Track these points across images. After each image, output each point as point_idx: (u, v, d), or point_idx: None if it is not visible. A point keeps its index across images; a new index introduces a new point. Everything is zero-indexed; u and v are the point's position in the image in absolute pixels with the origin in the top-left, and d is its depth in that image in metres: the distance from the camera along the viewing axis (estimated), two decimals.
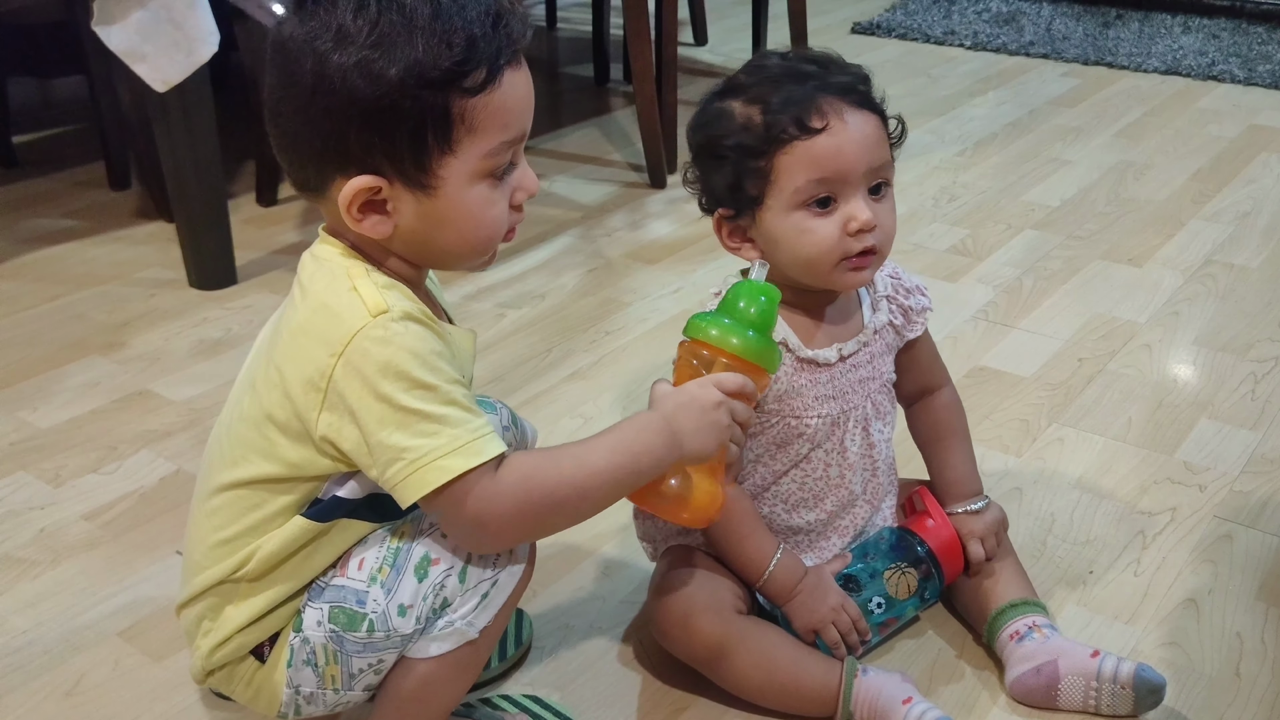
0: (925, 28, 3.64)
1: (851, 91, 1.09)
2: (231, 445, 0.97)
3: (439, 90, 0.87)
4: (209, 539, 0.97)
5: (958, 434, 1.26)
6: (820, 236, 1.08)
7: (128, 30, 1.75)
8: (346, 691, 0.98)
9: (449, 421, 0.88)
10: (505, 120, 0.91)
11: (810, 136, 1.06)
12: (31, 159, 2.60)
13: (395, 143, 0.88)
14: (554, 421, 1.62)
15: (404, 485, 0.88)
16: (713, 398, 0.98)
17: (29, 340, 1.86)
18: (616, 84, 3.20)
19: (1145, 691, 1.10)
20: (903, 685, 1.10)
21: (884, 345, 1.19)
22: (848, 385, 1.17)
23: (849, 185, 1.07)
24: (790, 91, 1.07)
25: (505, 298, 1.97)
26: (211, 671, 1.00)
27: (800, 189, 1.07)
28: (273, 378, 0.93)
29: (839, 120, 1.06)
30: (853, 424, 1.17)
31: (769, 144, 1.07)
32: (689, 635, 1.13)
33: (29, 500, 1.47)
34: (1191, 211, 2.31)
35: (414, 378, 0.88)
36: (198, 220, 1.99)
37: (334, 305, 0.90)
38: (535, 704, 1.15)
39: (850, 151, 1.07)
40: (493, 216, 0.94)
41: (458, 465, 0.88)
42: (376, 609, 0.94)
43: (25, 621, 1.28)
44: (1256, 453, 1.55)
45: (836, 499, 1.19)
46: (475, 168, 0.91)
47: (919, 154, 2.64)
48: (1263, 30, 3.56)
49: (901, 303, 1.20)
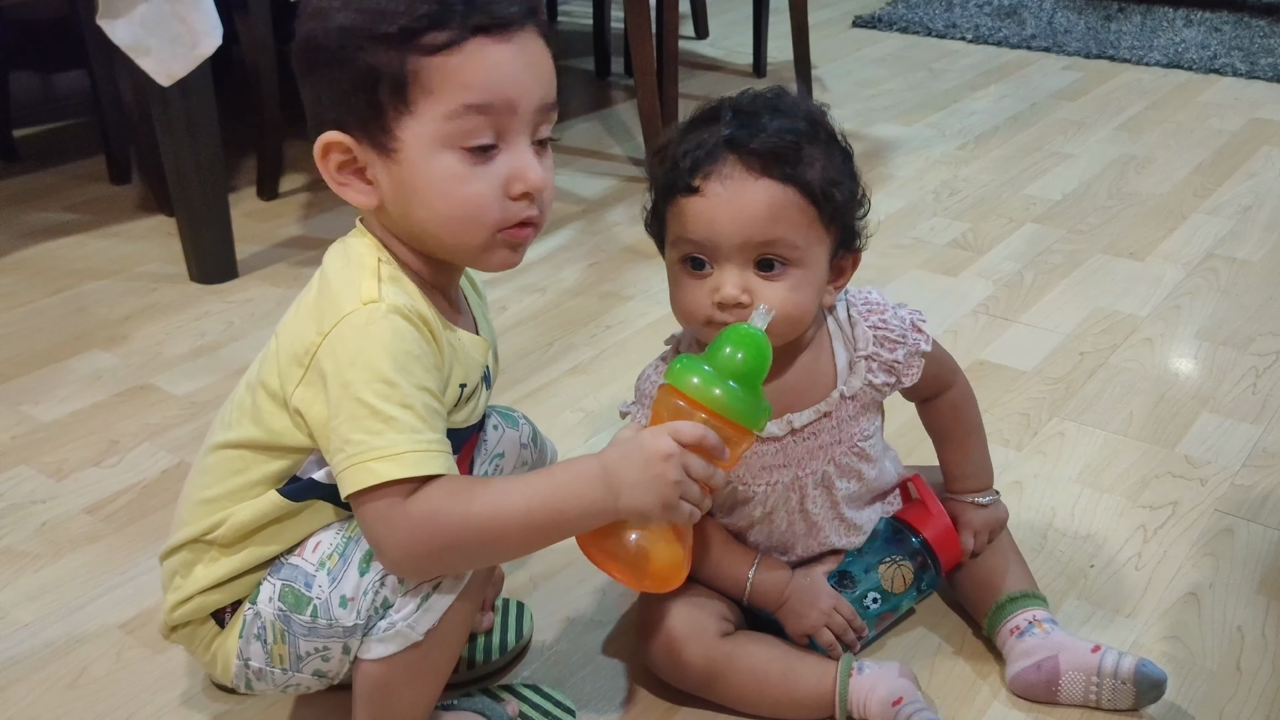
0: (926, 21, 3.63)
1: (759, 157, 0.99)
2: (231, 408, 1.00)
3: (394, 44, 0.87)
4: (195, 495, 1.00)
5: (970, 431, 1.22)
6: (689, 298, 1.02)
7: (132, 24, 1.75)
8: (294, 673, 0.98)
9: (395, 425, 0.87)
10: (465, 82, 0.87)
11: (687, 195, 1.00)
12: (33, 153, 2.60)
13: (356, 98, 0.89)
14: (554, 415, 1.62)
15: (341, 476, 0.89)
16: (662, 449, 0.89)
17: (30, 334, 1.86)
18: (617, 78, 3.19)
19: (1146, 686, 1.10)
20: (898, 681, 1.10)
21: (858, 407, 1.11)
22: (802, 453, 1.10)
23: (720, 252, 1.00)
24: (706, 137, 1.01)
25: (505, 291, 1.97)
26: (175, 628, 1.02)
27: (675, 243, 1.03)
28: (270, 346, 0.96)
29: (719, 186, 0.99)
30: (811, 487, 1.12)
31: (666, 190, 1.04)
32: (676, 667, 1.12)
33: (31, 494, 1.47)
34: (1193, 205, 2.31)
35: (379, 372, 0.87)
36: (199, 214, 1.99)
37: (335, 288, 0.92)
38: (535, 693, 1.15)
39: (723, 220, 0.99)
40: (466, 194, 0.90)
41: (385, 471, 0.86)
42: (320, 595, 0.95)
43: (28, 614, 1.28)
44: (1258, 447, 1.55)
45: (807, 548, 1.17)
46: (435, 131, 0.88)
47: (920, 148, 2.64)
48: (1265, 24, 3.55)
49: (885, 359, 1.10)
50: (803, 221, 1.00)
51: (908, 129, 2.77)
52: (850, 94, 3.02)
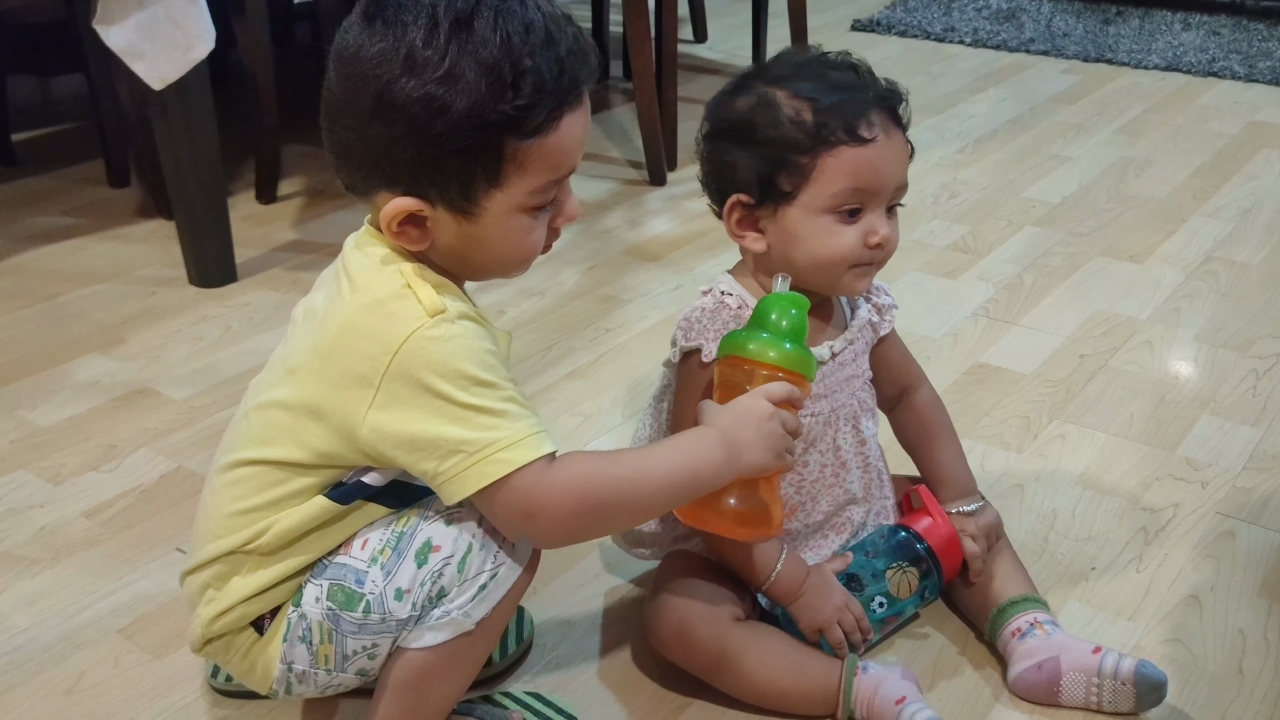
0: (925, 25, 3.64)
1: (896, 109, 1.10)
2: (262, 425, 0.98)
3: (495, 130, 0.88)
4: (226, 508, 0.98)
5: (944, 432, 1.26)
6: (842, 242, 1.09)
7: (127, 29, 1.75)
8: (339, 673, 0.98)
9: (509, 416, 0.90)
10: (557, 162, 0.92)
11: (859, 145, 1.06)
12: (31, 157, 2.60)
13: (445, 174, 0.89)
14: (554, 419, 1.62)
15: (460, 478, 0.90)
16: (765, 409, 1.00)
17: (28, 338, 1.86)
18: (616, 81, 3.19)
19: (1147, 688, 1.09)
20: (900, 683, 1.10)
21: (864, 343, 1.20)
22: (836, 383, 1.17)
23: (877, 199, 1.09)
24: (844, 96, 1.08)
25: (505, 295, 1.97)
26: (209, 640, 1.01)
27: (837, 194, 1.07)
28: (317, 368, 0.94)
29: (885, 135, 1.08)
30: (843, 421, 1.18)
31: (817, 143, 1.07)
32: (686, 646, 1.13)
33: (29, 498, 1.47)
34: (1192, 208, 2.31)
35: (472, 375, 0.89)
36: (197, 218, 1.98)
37: (389, 304, 0.91)
38: (537, 700, 1.14)
39: (886, 168, 1.08)
40: (530, 241, 0.96)
41: (518, 458, 0.89)
42: (374, 590, 0.94)
43: (26, 619, 1.27)
44: (1258, 449, 1.54)
45: (832, 498, 1.19)
46: (519, 202, 0.92)
47: (919, 151, 2.59)
48: (1263, 27, 3.56)
49: (875, 301, 1.21)
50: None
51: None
52: None
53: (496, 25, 0.87)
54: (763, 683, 1.12)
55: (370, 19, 0.88)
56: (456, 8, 0.87)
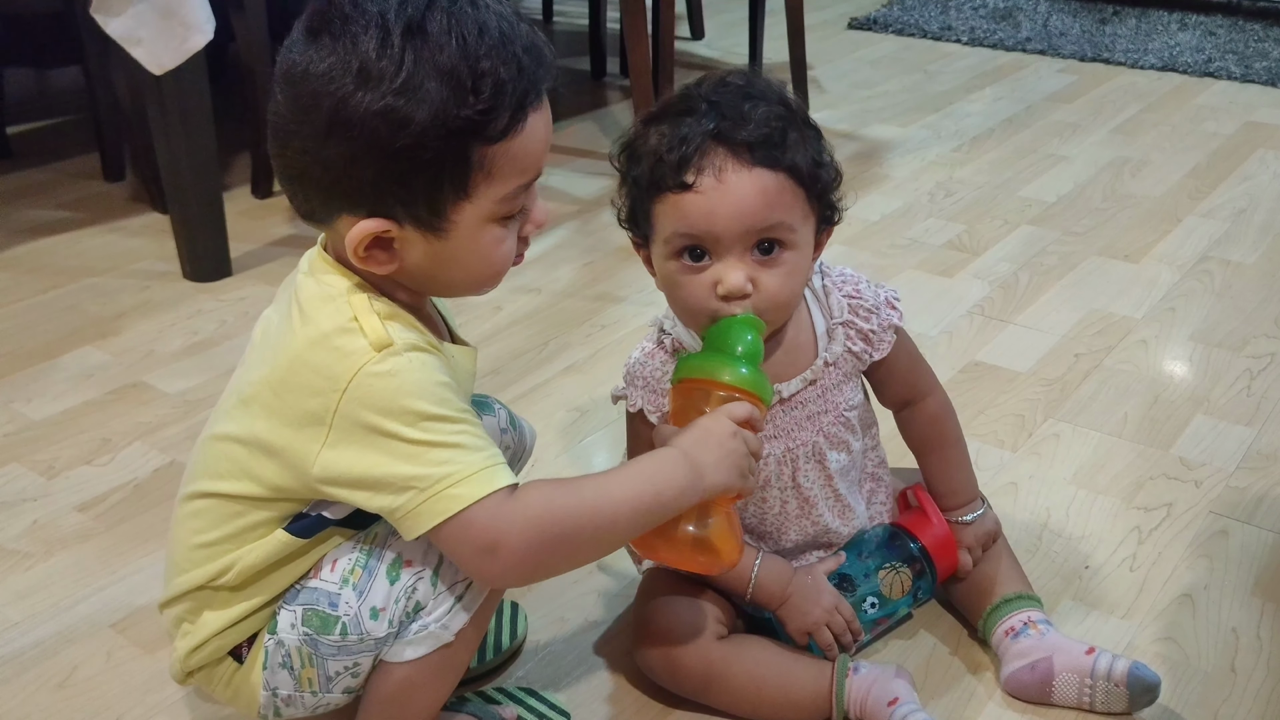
0: (922, 23, 3.64)
1: (749, 147, 1.00)
2: (216, 458, 0.95)
3: (460, 137, 0.84)
4: (189, 540, 0.96)
5: (949, 444, 1.22)
6: (688, 292, 1.04)
7: (125, 17, 1.75)
8: (324, 694, 0.97)
9: (462, 449, 0.87)
10: (524, 165, 0.89)
11: (680, 192, 1.01)
12: (26, 150, 2.60)
13: (411, 190, 0.86)
14: (549, 415, 1.62)
15: (414, 515, 0.87)
16: (728, 427, 0.97)
17: (22, 331, 1.85)
18: (613, 78, 3.19)
19: (1139, 690, 1.09)
20: (894, 683, 1.10)
21: (841, 375, 1.14)
22: (791, 423, 1.13)
23: (721, 244, 1.01)
24: (688, 132, 1.01)
25: (500, 292, 1.95)
26: (191, 672, 1.00)
27: (669, 240, 1.03)
28: (267, 401, 0.91)
29: (714, 179, 1.00)
30: (803, 460, 1.13)
31: (651, 187, 1.03)
32: (672, 672, 1.12)
33: (22, 492, 1.47)
34: (1188, 208, 2.31)
35: (420, 410, 0.86)
36: (192, 212, 1.98)
37: (335, 339, 0.88)
38: (531, 696, 1.14)
39: (722, 213, 1.00)
40: (502, 253, 0.93)
41: (471, 493, 0.86)
42: (349, 612, 0.93)
43: (18, 613, 1.27)
44: (1252, 449, 1.55)
45: (801, 530, 1.17)
46: (489, 211, 0.89)
47: (915, 149, 2.64)
48: (1259, 27, 3.56)
49: (861, 327, 1.13)
50: (795, 204, 1.03)
51: (903, 130, 2.77)
52: (846, 95, 3.03)
53: (450, 28, 0.83)
54: (752, 696, 1.11)
55: (315, 34, 0.84)
56: (407, 14, 0.83)
